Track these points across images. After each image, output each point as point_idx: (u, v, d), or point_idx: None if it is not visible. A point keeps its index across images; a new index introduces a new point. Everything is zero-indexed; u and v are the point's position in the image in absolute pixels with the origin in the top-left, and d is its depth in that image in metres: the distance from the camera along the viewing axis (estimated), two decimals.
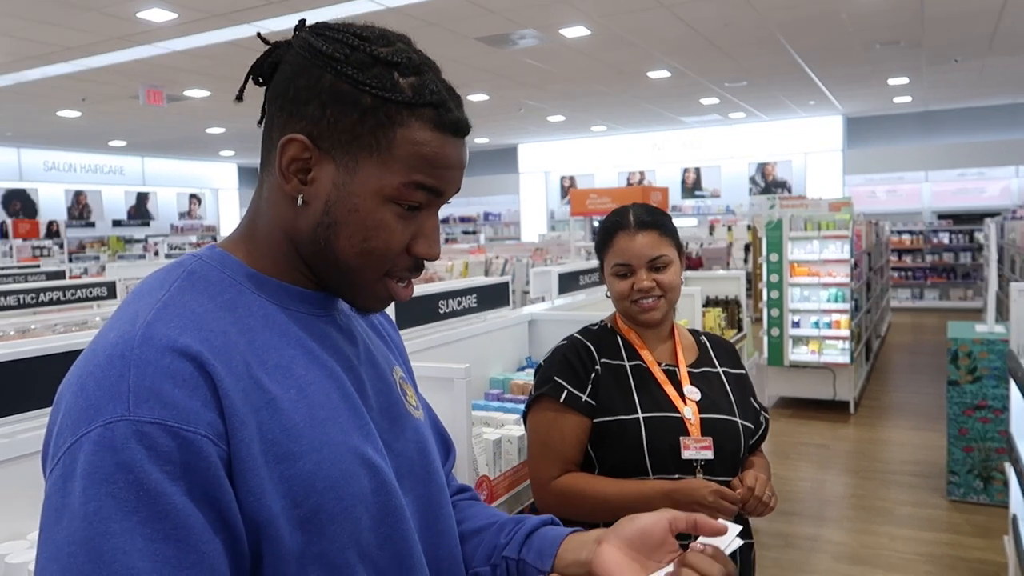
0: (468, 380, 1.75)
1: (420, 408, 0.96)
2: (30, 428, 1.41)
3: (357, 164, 0.78)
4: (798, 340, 6.76)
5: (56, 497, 0.66)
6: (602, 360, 1.62)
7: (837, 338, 6.65)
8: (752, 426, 1.66)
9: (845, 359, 6.55)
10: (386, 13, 6.95)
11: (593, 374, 1.60)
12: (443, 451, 1.05)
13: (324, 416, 0.77)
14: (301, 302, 0.82)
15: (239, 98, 0.83)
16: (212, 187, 20.80)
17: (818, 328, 6.70)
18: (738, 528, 0.89)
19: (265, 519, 0.71)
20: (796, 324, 6.75)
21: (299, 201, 0.79)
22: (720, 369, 1.70)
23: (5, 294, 3.99)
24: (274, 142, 0.80)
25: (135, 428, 0.65)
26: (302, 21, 0.85)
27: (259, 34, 0.86)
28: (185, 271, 0.79)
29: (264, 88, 0.84)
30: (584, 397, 1.58)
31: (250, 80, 0.85)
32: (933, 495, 4.69)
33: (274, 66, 0.83)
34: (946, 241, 13.80)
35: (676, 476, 1.52)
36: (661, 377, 1.61)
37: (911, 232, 13.99)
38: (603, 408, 1.57)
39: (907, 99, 13.35)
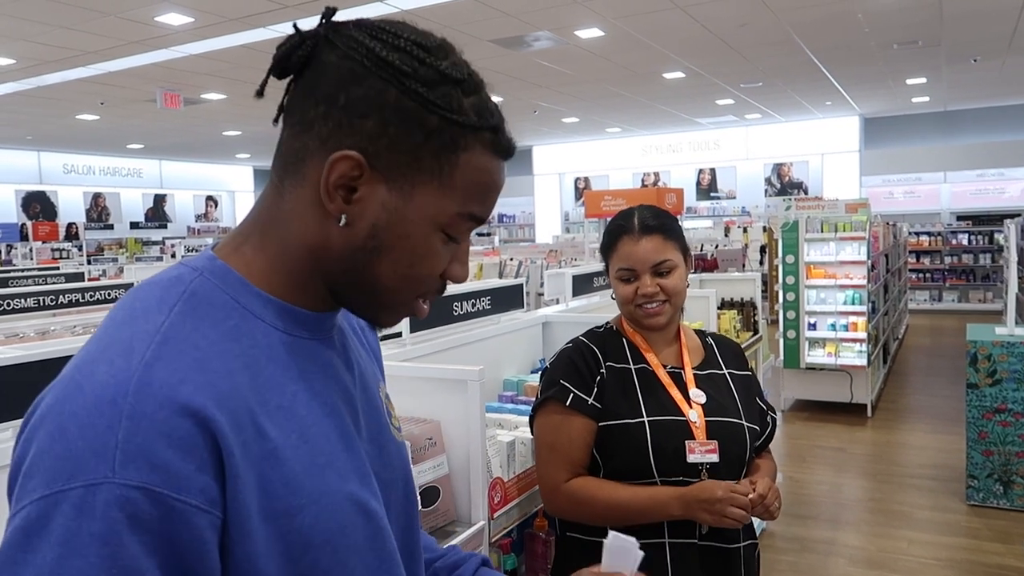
0: (482, 382, 1.75)
1: (400, 429, 0.92)
2: None
3: (414, 188, 0.72)
4: (814, 342, 6.71)
5: (16, 551, 0.59)
6: (607, 364, 1.62)
7: (854, 340, 6.59)
8: (758, 428, 1.65)
9: (862, 362, 6.50)
10: (400, 15, 6.96)
11: (599, 377, 1.59)
12: None
13: (323, 462, 0.72)
14: (304, 326, 0.76)
15: (259, 93, 0.76)
16: (228, 189, 20.97)
17: (835, 330, 6.65)
18: (640, 555, 0.94)
19: None
20: (812, 326, 6.70)
21: (342, 221, 0.72)
22: (726, 371, 1.69)
23: (25, 296, 4.04)
24: (310, 151, 0.72)
25: (119, 493, 0.59)
26: (331, 10, 0.76)
27: (295, 25, 0.78)
28: (187, 292, 0.71)
29: (288, 82, 0.76)
30: (590, 400, 1.57)
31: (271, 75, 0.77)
32: (952, 499, 4.63)
33: (304, 60, 0.74)
34: (965, 242, 13.65)
35: (681, 479, 1.51)
36: (666, 380, 1.61)
37: (929, 233, 13.85)
38: (608, 412, 1.57)
39: (925, 99, 13.23)
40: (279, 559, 0.67)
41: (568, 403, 1.57)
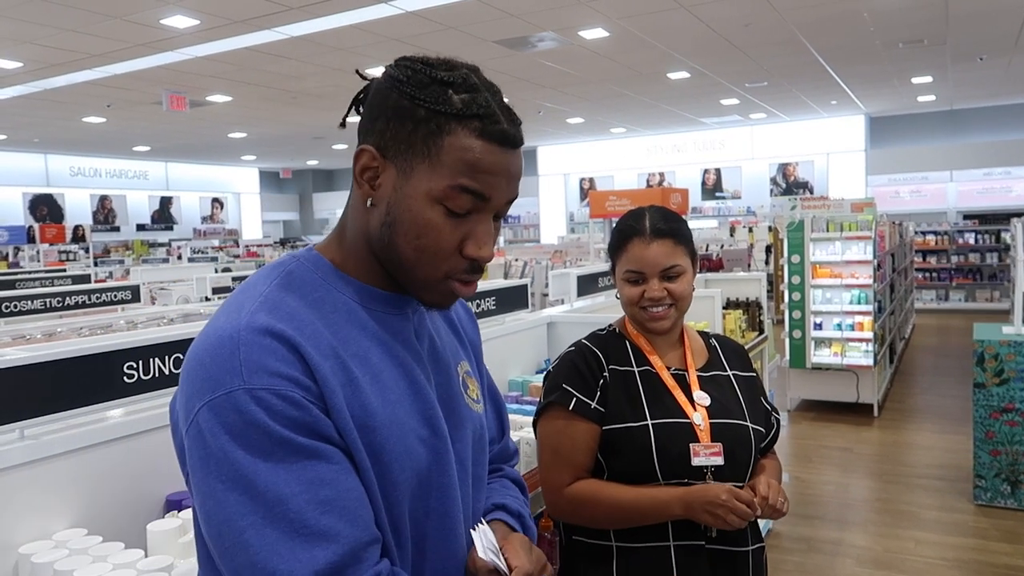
0: None
1: (479, 401, 1.09)
2: (56, 430, 1.43)
3: (412, 169, 0.89)
4: (820, 342, 6.69)
5: (198, 450, 0.82)
6: (610, 367, 1.60)
7: (860, 340, 6.57)
8: (763, 429, 1.64)
9: (868, 361, 6.48)
10: (405, 17, 6.98)
11: (602, 381, 1.58)
12: (499, 431, 1.21)
13: (393, 399, 0.91)
14: (379, 302, 0.96)
15: (342, 125, 1.02)
16: (234, 191, 21.01)
17: (841, 330, 6.63)
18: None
19: (362, 471, 0.87)
20: (818, 326, 6.68)
21: (368, 203, 0.92)
22: (730, 372, 1.68)
23: (32, 298, 4.06)
24: (354, 157, 0.93)
25: (252, 395, 0.80)
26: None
27: (357, 71, 1.04)
28: (285, 271, 0.94)
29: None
30: (593, 404, 1.56)
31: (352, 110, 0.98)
32: (959, 499, 4.62)
33: (367, 97, 0.95)
34: (972, 241, 13.59)
35: (686, 482, 1.50)
36: (670, 383, 1.60)
37: (936, 232, 13.80)
38: (612, 415, 1.56)
39: (931, 98, 13.19)
40: (366, 460, 0.87)
41: (571, 408, 1.56)
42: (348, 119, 0.99)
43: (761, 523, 1.66)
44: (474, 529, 0.98)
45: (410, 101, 0.88)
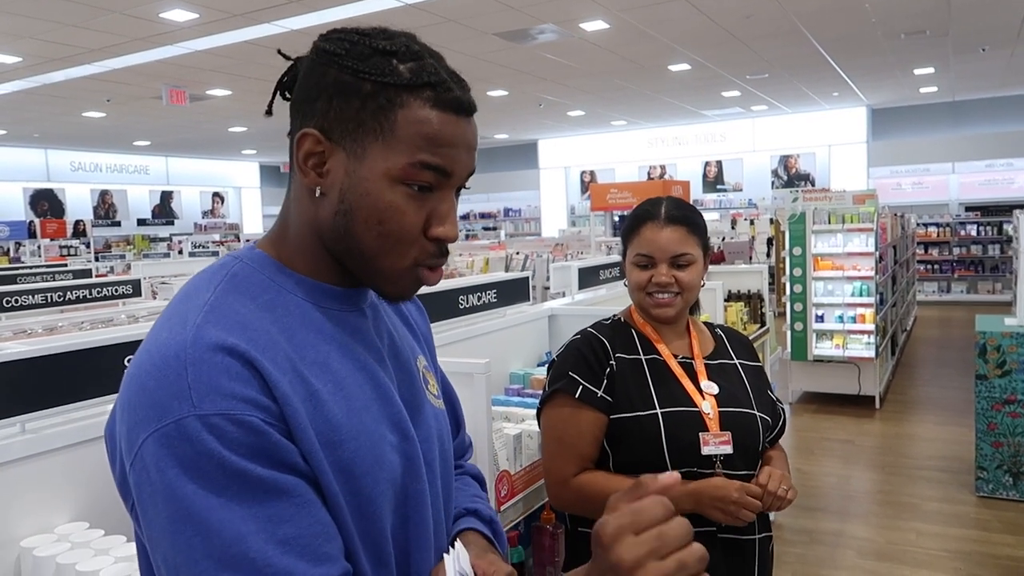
0: (488, 375, 1.75)
1: (440, 397, 1.03)
2: (56, 424, 1.43)
3: (365, 150, 0.81)
4: (822, 334, 6.69)
5: (146, 486, 0.73)
6: (617, 355, 1.59)
7: (862, 332, 6.57)
8: (770, 419, 1.63)
9: (870, 353, 6.47)
10: (405, 10, 6.96)
11: (608, 369, 1.57)
12: (454, 427, 1.13)
13: (359, 406, 0.83)
14: (333, 299, 0.87)
15: (268, 112, 0.89)
16: (235, 185, 20.99)
17: (842, 322, 6.63)
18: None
19: (331, 495, 0.79)
20: (820, 318, 6.67)
21: (317, 193, 0.83)
22: (737, 361, 1.68)
23: (33, 292, 4.06)
24: (291, 143, 0.85)
25: (204, 421, 0.72)
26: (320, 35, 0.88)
27: (279, 51, 0.91)
28: (228, 273, 0.84)
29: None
30: (600, 392, 1.55)
31: (277, 95, 0.89)
32: (961, 491, 4.62)
33: (295, 79, 0.87)
34: (974, 233, 13.57)
35: (696, 471, 1.50)
36: (678, 371, 1.59)
37: (938, 224, 13.77)
38: (620, 404, 1.55)
39: (933, 89, 13.14)
40: (335, 482, 0.79)
41: (577, 395, 1.55)
42: (274, 105, 0.88)
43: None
44: (447, 552, 0.92)
45: (352, 75, 0.80)
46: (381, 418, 0.85)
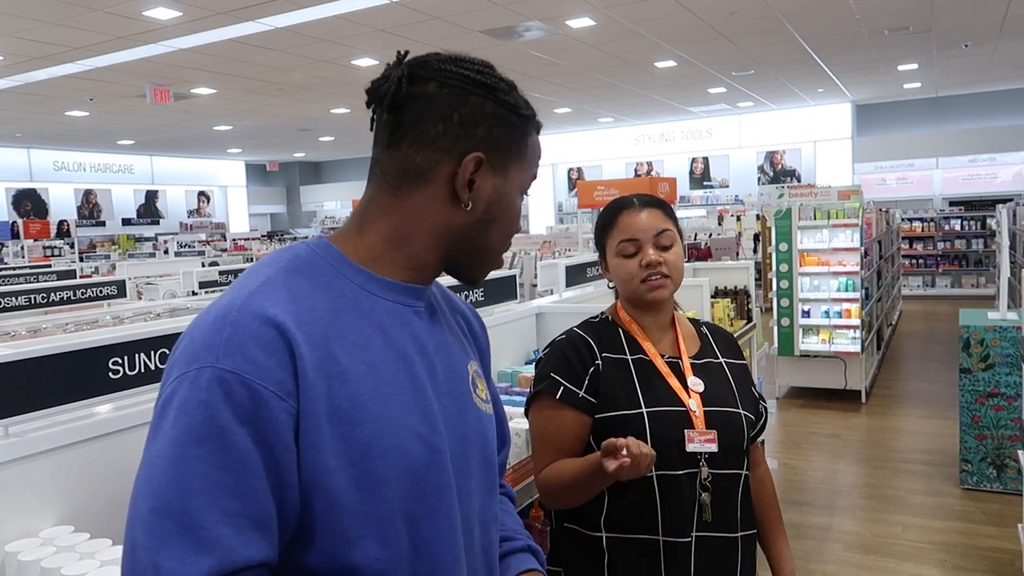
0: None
1: (489, 403, 1.09)
2: (41, 427, 1.41)
3: (508, 170, 0.97)
4: (808, 330, 6.73)
5: (156, 419, 0.83)
6: (603, 354, 1.60)
7: (848, 327, 6.61)
8: (753, 417, 1.65)
9: (856, 348, 6.52)
10: (390, 7, 6.93)
11: (592, 369, 1.58)
12: (499, 442, 1.17)
13: (388, 392, 0.89)
14: (390, 291, 0.95)
15: (372, 128, 0.98)
16: (220, 184, 20.88)
17: (828, 317, 6.67)
18: None
19: (321, 472, 0.84)
20: (806, 314, 6.71)
21: (468, 206, 0.95)
22: (722, 359, 1.69)
23: (16, 294, 4.02)
24: (435, 160, 0.93)
25: (218, 374, 0.80)
26: (405, 52, 0.97)
27: (399, 53, 1.00)
28: (293, 254, 0.94)
29: (384, 109, 0.95)
30: (581, 393, 1.56)
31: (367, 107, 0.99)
32: (946, 484, 4.66)
33: (389, 91, 0.93)
34: (958, 228, 13.69)
35: (680, 470, 1.51)
36: (664, 370, 1.59)
37: (922, 219, 13.88)
38: (606, 403, 1.55)
39: (917, 85, 13.25)
40: (340, 458, 0.84)
41: (559, 396, 1.56)
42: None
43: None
44: None
45: (505, 108, 0.96)
46: (411, 407, 0.90)
